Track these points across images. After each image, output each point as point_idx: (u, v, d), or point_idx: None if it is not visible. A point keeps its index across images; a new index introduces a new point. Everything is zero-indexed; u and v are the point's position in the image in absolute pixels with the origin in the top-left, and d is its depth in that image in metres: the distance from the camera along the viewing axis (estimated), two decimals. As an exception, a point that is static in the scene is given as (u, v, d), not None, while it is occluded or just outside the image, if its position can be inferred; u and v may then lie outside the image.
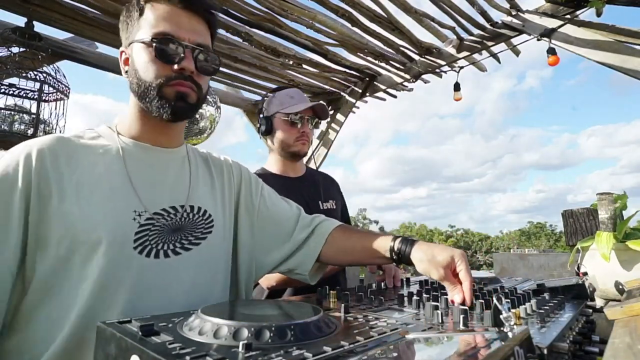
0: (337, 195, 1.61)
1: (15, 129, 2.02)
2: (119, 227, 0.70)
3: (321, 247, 0.94)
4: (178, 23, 0.77)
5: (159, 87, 0.75)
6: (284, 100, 1.46)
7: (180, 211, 0.80)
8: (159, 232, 0.75)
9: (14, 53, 1.94)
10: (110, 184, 0.73)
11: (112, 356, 0.47)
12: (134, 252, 0.71)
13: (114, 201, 0.72)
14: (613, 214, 1.28)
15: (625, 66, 1.94)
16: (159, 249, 0.74)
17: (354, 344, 0.45)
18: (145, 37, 0.75)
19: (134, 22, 0.78)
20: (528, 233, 59.32)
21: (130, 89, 0.79)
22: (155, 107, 0.76)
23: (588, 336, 0.73)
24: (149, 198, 0.76)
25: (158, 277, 0.73)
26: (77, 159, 0.73)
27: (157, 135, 0.83)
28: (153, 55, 0.74)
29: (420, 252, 0.81)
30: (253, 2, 2.07)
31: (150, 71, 0.75)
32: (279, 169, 1.50)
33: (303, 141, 1.45)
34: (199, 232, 0.81)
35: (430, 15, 2.33)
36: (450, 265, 0.77)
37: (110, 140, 0.79)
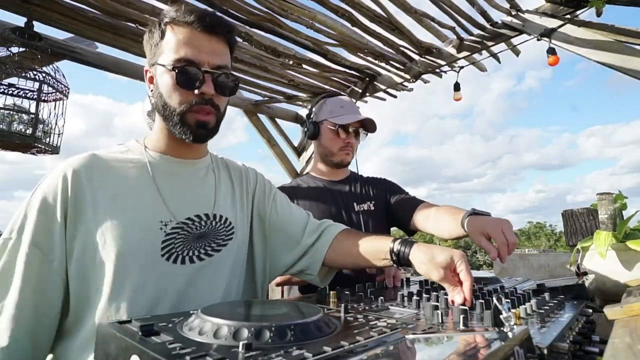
0: (380, 196, 1.55)
1: (14, 129, 2.02)
2: (145, 235, 0.76)
3: (326, 250, 0.96)
4: (198, 47, 0.79)
5: (182, 113, 0.80)
6: (334, 108, 1.47)
7: (204, 219, 0.85)
8: (184, 239, 0.80)
9: (14, 53, 1.94)
10: (140, 196, 0.79)
11: (112, 356, 0.47)
12: (162, 259, 0.76)
13: (142, 211, 0.77)
14: (613, 214, 1.28)
15: (626, 66, 1.94)
16: (185, 255, 0.79)
17: (354, 344, 0.44)
18: (166, 61, 0.78)
19: (156, 44, 0.81)
20: (528, 233, 59.30)
21: (155, 108, 0.84)
22: (178, 131, 0.81)
23: (588, 336, 0.73)
24: (176, 207, 0.81)
25: (184, 282, 0.78)
26: (109, 174, 0.78)
27: (182, 150, 0.88)
28: (174, 82, 0.78)
29: (420, 253, 0.82)
30: (253, 2, 2.07)
31: (173, 97, 0.79)
32: (322, 173, 1.54)
33: (347, 151, 1.46)
34: (220, 240, 0.86)
35: (430, 15, 2.32)
36: (450, 266, 0.77)
37: (138, 154, 0.85)
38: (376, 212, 1.50)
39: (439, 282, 0.78)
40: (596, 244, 1.17)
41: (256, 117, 3.60)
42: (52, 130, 2.13)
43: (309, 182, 1.52)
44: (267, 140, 3.69)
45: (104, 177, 0.77)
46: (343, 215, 1.43)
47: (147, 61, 0.85)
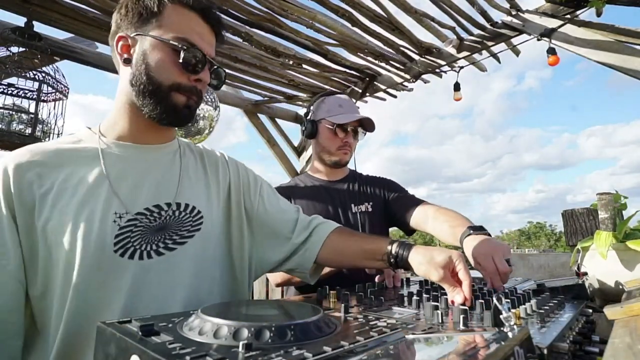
0: (379, 197, 1.53)
1: (13, 128, 2.02)
2: (97, 231, 0.69)
3: (319, 249, 0.94)
4: (201, 34, 0.78)
5: (168, 91, 0.75)
6: (332, 108, 1.46)
7: (166, 209, 0.78)
8: (141, 232, 0.73)
9: (14, 53, 1.94)
10: (89, 188, 0.72)
11: (112, 356, 0.47)
12: (115, 255, 0.70)
13: (91, 205, 0.71)
14: (613, 214, 1.28)
15: (626, 66, 1.94)
16: (142, 250, 0.73)
17: (354, 344, 0.44)
18: (167, 37, 0.75)
19: (149, 14, 0.75)
20: (528, 233, 59.27)
21: (130, 81, 0.76)
22: (157, 109, 0.76)
23: (588, 336, 0.73)
24: (131, 199, 0.75)
25: (141, 279, 0.72)
26: (56, 167, 0.72)
27: (145, 133, 0.81)
28: (175, 59, 0.74)
29: (418, 255, 0.81)
30: (253, 2, 2.07)
31: (165, 73, 0.75)
32: (319, 173, 1.53)
33: (345, 151, 1.45)
34: (185, 231, 0.79)
35: (430, 15, 2.32)
36: (449, 266, 0.77)
37: (90, 142, 0.78)
38: (374, 214, 1.48)
39: (438, 283, 0.78)
40: (597, 244, 1.17)
41: (256, 117, 3.60)
42: (52, 130, 2.13)
43: (307, 182, 1.51)
44: (267, 140, 3.69)
45: (51, 169, 0.71)
46: (340, 216, 1.43)
47: (122, 28, 0.77)
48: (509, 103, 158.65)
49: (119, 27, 0.78)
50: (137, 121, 0.80)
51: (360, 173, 1.59)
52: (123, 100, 0.79)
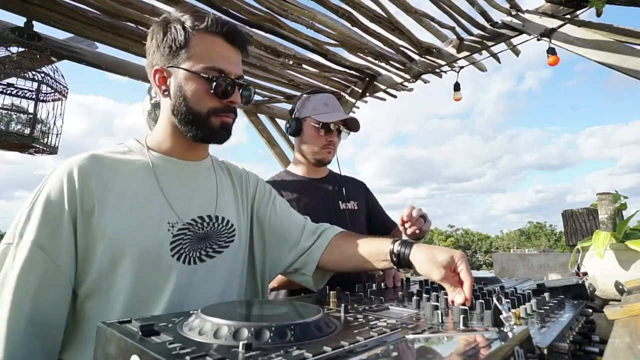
0: (362, 197, 1.60)
1: (12, 129, 2.02)
2: (155, 237, 0.76)
3: (322, 250, 0.97)
4: (227, 58, 0.83)
5: (208, 117, 0.82)
6: (317, 106, 1.46)
7: (207, 221, 0.86)
8: (190, 240, 0.81)
9: (13, 53, 1.93)
10: (145, 198, 0.79)
11: (112, 356, 0.47)
12: (172, 260, 0.78)
13: (149, 213, 0.78)
14: (613, 214, 1.28)
15: (625, 66, 1.94)
16: (191, 255, 0.81)
17: (354, 344, 0.44)
18: (197, 68, 0.80)
19: (178, 47, 0.80)
20: (528, 233, 59.34)
21: (171, 111, 0.83)
22: (199, 133, 0.84)
23: (588, 336, 0.73)
24: (181, 209, 0.82)
25: (191, 281, 0.80)
26: (114, 175, 0.78)
27: (188, 151, 0.89)
28: (207, 89, 0.81)
29: (420, 253, 0.82)
30: (253, 2, 2.07)
31: (201, 102, 0.81)
32: (301, 170, 1.53)
33: (329, 150, 1.46)
34: (222, 241, 0.87)
35: (430, 15, 2.32)
36: (451, 266, 0.77)
37: (140, 154, 0.85)
38: (359, 212, 1.51)
39: (439, 282, 0.78)
40: (595, 244, 1.17)
41: (256, 117, 3.60)
42: (51, 131, 2.13)
43: (289, 178, 1.51)
44: (267, 140, 3.70)
45: (109, 177, 0.77)
46: (329, 212, 1.43)
47: (155, 60, 0.83)
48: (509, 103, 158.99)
49: (153, 59, 0.84)
50: (181, 141, 0.87)
51: (337, 173, 1.62)
52: (167, 124, 0.86)
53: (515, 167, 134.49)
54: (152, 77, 0.84)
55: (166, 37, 0.81)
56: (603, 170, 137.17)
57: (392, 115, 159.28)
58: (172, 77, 0.82)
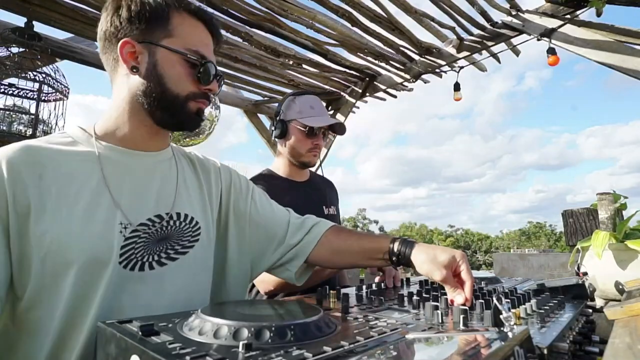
0: (336, 201, 1.62)
1: (14, 129, 2.02)
2: (101, 244, 0.67)
3: (313, 245, 0.93)
4: (208, 45, 0.80)
5: (185, 101, 0.77)
6: (303, 108, 1.44)
7: (166, 219, 0.76)
8: (144, 243, 0.72)
9: (14, 53, 1.94)
10: (91, 197, 0.69)
11: (112, 356, 0.47)
12: (119, 267, 0.68)
13: (95, 216, 0.68)
14: (613, 214, 1.28)
15: (625, 66, 1.94)
16: (145, 261, 0.71)
17: (354, 344, 0.44)
18: (180, 48, 0.74)
19: (157, 21, 0.74)
20: (528, 233, 59.33)
21: (142, 91, 0.74)
22: (172, 118, 0.78)
23: (588, 336, 0.73)
24: (133, 209, 0.72)
25: (143, 290, 0.70)
26: (53, 170, 0.67)
27: (148, 140, 0.80)
28: (189, 72, 0.76)
29: (421, 253, 0.81)
30: (253, 2, 2.07)
31: (182, 85, 0.75)
32: (285, 172, 1.50)
33: (315, 153, 1.45)
34: (185, 241, 0.78)
35: (430, 15, 2.33)
36: (452, 266, 0.77)
37: (87, 145, 0.74)
38: (337, 218, 1.52)
39: (440, 282, 0.77)
40: (594, 244, 1.17)
41: (256, 117, 3.61)
42: (52, 131, 2.13)
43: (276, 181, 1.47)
44: (267, 140, 3.70)
45: (46, 173, 0.66)
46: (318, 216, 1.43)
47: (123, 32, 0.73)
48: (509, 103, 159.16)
49: (118, 30, 0.73)
50: (142, 128, 0.78)
51: (314, 172, 1.62)
52: (126, 107, 0.76)
53: (515, 167, 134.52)
54: (118, 50, 0.73)
55: (141, 7, 0.73)
56: (603, 170, 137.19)
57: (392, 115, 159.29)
58: (144, 53, 0.73)
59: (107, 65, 0.79)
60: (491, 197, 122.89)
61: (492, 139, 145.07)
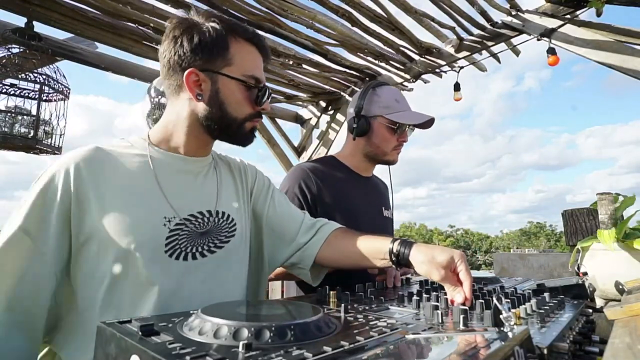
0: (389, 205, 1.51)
1: (16, 131, 2.02)
2: (150, 232, 0.75)
3: (319, 246, 0.97)
4: (261, 68, 0.87)
5: (243, 122, 0.85)
6: (390, 103, 1.31)
7: (207, 216, 0.85)
8: (187, 236, 0.80)
9: (14, 54, 1.94)
10: (142, 192, 0.78)
11: (112, 356, 0.47)
12: (165, 256, 0.76)
13: (145, 207, 0.77)
14: (613, 214, 1.28)
15: (625, 66, 1.94)
16: (188, 251, 0.79)
17: (354, 344, 0.44)
18: (239, 75, 0.82)
19: (216, 51, 0.80)
20: (528, 233, 59.31)
21: (204, 115, 0.82)
22: (230, 137, 0.87)
23: (588, 336, 0.73)
24: (179, 204, 0.81)
25: (188, 278, 0.78)
26: (111, 168, 0.77)
27: (196, 148, 0.88)
28: (247, 96, 0.83)
29: (420, 253, 0.82)
30: (253, 2, 2.07)
31: (240, 109, 0.84)
32: (352, 163, 1.40)
33: (399, 150, 1.35)
34: (223, 236, 0.87)
35: (430, 15, 2.33)
36: (451, 266, 0.77)
37: (141, 149, 0.84)
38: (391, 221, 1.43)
39: (439, 282, 0.78)
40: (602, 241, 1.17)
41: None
42: (54, 131, 2.13)
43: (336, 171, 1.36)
44: (267, 140, 3.70)
45: (106, 171, 0.76)
46: (374, 221, 1.35)
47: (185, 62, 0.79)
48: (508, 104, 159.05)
49: (182, 60, 0.80)
50: (196, 141, 0.87)
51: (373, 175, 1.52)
52: (185, 123, 0.84)
53: (515, 167, 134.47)
54: (185, 79, 0.80)
55: (204, 38, 0.79)
56: (603, 170, 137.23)
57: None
58: (207, 82, 0.80)
59: (169, 87, 0.85)
60: (491, 197, 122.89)
61: (491, 139, 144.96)
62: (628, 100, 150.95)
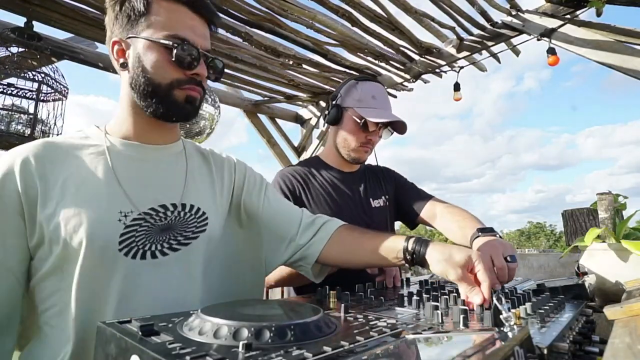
0: (391, 190, 1.47)
1: (13, 129, 2.02)
2: (102, 229, 0.69)
3: (323, 244, 0.92)
4: (192, 27, 0.77)
5: (169, 89, 0.76)
6: (364, 97, 1.29)
7: (171, 209, 0.78)
8: (146, 232, 0.73)
9: (13, 53, 1.94)
10: (96, 185, 0.72)
11: (112, 356, 0.47)
12: (120, 254, 0.70)
13: (98, 202, 0.71)
14: (613, 214, 1.28)
15: (625, 66, 1.94)
16: (146, 249, 0.72)
17: (354, 344, 0.44)
18: (158, 37, 0.74)
19: (138, 15, 0.75)
20: (528, 233, 59.32)
21: (130, 84, 0.77)
22: (160, 107, 0.77)
23: (588, 336, 0.73)
24: (138, 197, 0.74)
25: (145, 279, 0.72)
26: (63, 162, 0.72)
27: (150, 133, 0.82)
28: (168, 58, 0.74)
29: (436, 252, 0.79)
30: (253, 2, 2.07)
31: (162, 72, 0.75)
32: (334, 161, 1.40)
33: (366, 149, 1.32)
34: (189, 232, 0.79)
35: (430, 15, 2.32)
36: (468, 265, 0.75)
37: (97, 140, 0.78)
38: (388, 208, 1.42)
39: (456, 282, 0.75)
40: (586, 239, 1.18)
41: (256, 117, 3.60)
42: (51, 131, 2.13)
43: (320, 168, 1.38)
44: (267, 140, 3.70)
45: (56, 164, 0.71)
46: (359, 213, 1.34)
47: (114, 33, 0.78)
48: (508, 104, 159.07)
49: (112, 32, 0.78)
50: (142, 121, 0.80)
51: (369, 164, 1.51)
52: (126, 102, 0.80)
53: (515, 167, 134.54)
54: (110, 51, 0.78)
55: (124, 6, 0.75)
56: (602, 170, 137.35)
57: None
58: (130, 48, 0.76)
59: (115, 68, 0.81)
60: (491, 197, 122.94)
61: (491, 139, 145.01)
62: (628, 100, 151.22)
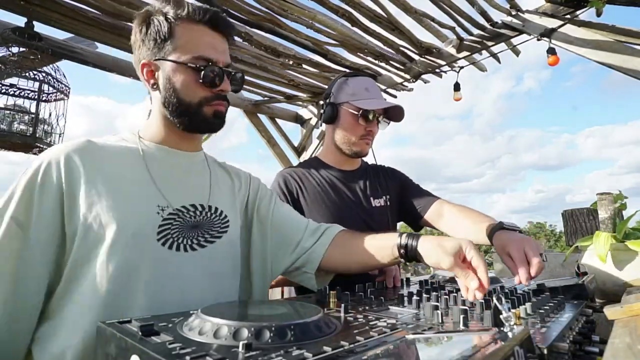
0: (394, 189, 1.46)
1: (15, 129, 2.02)
2: (143, 219, 0.75)
3: (326, 247, 0.96)
4: (214, 46, 0.84)
5: (199, 106, 0.83)
6: (357, 90, 1.31)
7: (199, 209, 0.85)
8: (179, 227, 0.80)
9: (14, 53, 1.94)
10: (134, 181, 0.79)
11: (112, 356, 0.47)
12: (157, 244, 0.76)
13: (138, 196, 0.77)
14: (613, 214, 1.28)
15: (625, 66, 1.94)
16: (179, 242, 0.79)
17: (354, 344, 0.44)
18: (185, 59, 0.80)
19: (163, 39, 0.80)
20: (528, 233, 59.30)
21: (162, 104, 0.83)
22: (192, 123, 0.84)
23: (588, 336, 0.73)
24: (172, 195, 0.81)
25: (177, 269, 0.78)
26: (102, 158, 0.78)
27: (180, 142, 0.89)
28: (196, 78, 0.81)
29: (428, 243, 0.80)
30: (253, 2, 2.07)
31: (191, 92, 0.82)
32: (333, 160, 1.40)
33: (367, 140, 1.33)
34: (214, 231, 0.86)
35: (430, 15, 2.32)
36: (460, 253, 0.75)
37: (132, 143, 0.85)
38: (391, 208, 1.41)
39: (450, 270, 0.75)
40: (596, 247, 1.17)
41: (256, 117, 3.60)
42: (54, 130, 2.13)
43: (319, 168, 1.38)
44: (267, 140, 3.70)
45: (98, 161, 0.77)
46: (360, 210, 1.34)
47: (142, 55, 0.84)
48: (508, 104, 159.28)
49: (140, 53, 0.84)
50: (173, 133, 0.87)
51: (372, 163, 1.50)
52: (159, 116, 0.87)
53: (515, 167, 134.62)
54: (140, 72, 0.84)
55: (149, 30, 0.81)
56: (602, 170, 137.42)
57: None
58: (159, 70, 0.82)
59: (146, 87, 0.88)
60: (491, 197, 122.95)
61: (491, 139, 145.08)
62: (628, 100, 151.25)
